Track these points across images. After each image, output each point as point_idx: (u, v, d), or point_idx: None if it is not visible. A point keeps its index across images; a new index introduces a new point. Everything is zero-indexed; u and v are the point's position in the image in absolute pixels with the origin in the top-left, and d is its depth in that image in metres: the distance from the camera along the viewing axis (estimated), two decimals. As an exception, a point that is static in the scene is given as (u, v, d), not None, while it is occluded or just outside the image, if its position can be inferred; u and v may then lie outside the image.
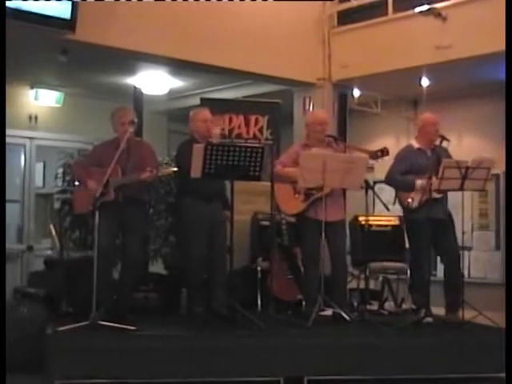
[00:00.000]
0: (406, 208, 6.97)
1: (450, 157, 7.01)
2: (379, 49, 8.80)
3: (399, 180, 7.01)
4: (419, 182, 6.80)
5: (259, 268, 7.43)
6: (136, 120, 6.51)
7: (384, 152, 6.81)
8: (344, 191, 7.16)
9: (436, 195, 6.69)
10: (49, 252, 8.90)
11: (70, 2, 7.13)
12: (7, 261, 9.57)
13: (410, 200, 6.85)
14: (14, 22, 6.81)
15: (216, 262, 6.65)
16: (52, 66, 8.80)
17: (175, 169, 6.35)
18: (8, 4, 6.71)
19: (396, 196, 7.11)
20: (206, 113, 6.85)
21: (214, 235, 6.62)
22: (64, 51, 7.71)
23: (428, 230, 6.78)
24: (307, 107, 9.36)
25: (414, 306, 7.17)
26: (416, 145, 7.12)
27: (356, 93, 9.52)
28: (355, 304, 7.49)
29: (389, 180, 7.12)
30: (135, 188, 6.36)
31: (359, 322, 6.61)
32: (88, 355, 5.39)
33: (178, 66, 8.83)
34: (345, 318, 6.46)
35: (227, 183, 6.57)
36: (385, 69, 8.81)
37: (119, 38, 7.65)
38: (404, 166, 7.01)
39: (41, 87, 10.25)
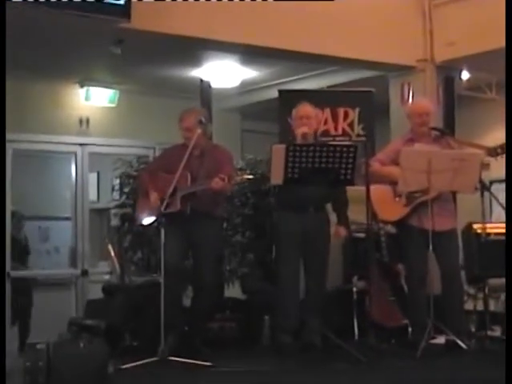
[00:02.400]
0: None
1: None
2: (492, 21, 8.63)
3: None
4: None
5: (355, 289, 7.41)
6: (204, 120, 6.55)
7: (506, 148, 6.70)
8: (454, 194, 7.09)
9: None
10: (107, 277, 9.03)
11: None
12: (59, 288, 9.81)
13: None
14: (60, 11, 6.95)
15: (310, 282, 6.69)
16: (104, 60, 8.92)
17: (250, 176, 6.38)
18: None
19: None
20: (303, 109, 6.87)
21: (309, 252, 6.64)
22: (118, 42, 7.81)
23: None
24: (406, 95, 9.30)
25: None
26: None
27: (465, 75, 9.43)
28: (473, 329, 7.41)
29: None
30: (207, 199, 6.39)
31: (479, 352, 6.55)
32: (157, 396, 5.48)
33: (251, 54, 8.86)
34: (461, 347, 6.41)
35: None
36: (499, 45, 8.58)
37: (181, 24, 7.71)
38: None
39: (92, 85, 10.36)
